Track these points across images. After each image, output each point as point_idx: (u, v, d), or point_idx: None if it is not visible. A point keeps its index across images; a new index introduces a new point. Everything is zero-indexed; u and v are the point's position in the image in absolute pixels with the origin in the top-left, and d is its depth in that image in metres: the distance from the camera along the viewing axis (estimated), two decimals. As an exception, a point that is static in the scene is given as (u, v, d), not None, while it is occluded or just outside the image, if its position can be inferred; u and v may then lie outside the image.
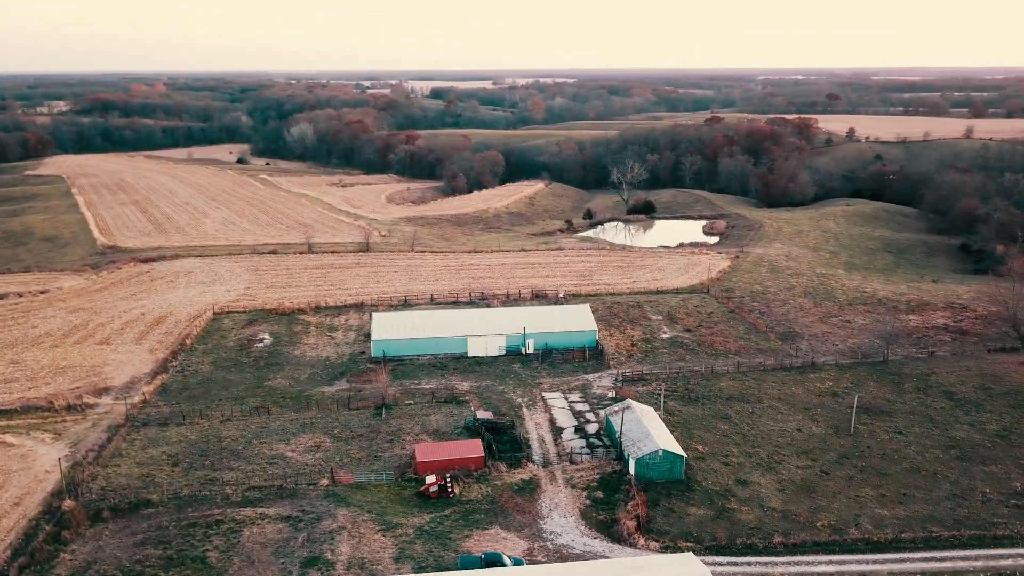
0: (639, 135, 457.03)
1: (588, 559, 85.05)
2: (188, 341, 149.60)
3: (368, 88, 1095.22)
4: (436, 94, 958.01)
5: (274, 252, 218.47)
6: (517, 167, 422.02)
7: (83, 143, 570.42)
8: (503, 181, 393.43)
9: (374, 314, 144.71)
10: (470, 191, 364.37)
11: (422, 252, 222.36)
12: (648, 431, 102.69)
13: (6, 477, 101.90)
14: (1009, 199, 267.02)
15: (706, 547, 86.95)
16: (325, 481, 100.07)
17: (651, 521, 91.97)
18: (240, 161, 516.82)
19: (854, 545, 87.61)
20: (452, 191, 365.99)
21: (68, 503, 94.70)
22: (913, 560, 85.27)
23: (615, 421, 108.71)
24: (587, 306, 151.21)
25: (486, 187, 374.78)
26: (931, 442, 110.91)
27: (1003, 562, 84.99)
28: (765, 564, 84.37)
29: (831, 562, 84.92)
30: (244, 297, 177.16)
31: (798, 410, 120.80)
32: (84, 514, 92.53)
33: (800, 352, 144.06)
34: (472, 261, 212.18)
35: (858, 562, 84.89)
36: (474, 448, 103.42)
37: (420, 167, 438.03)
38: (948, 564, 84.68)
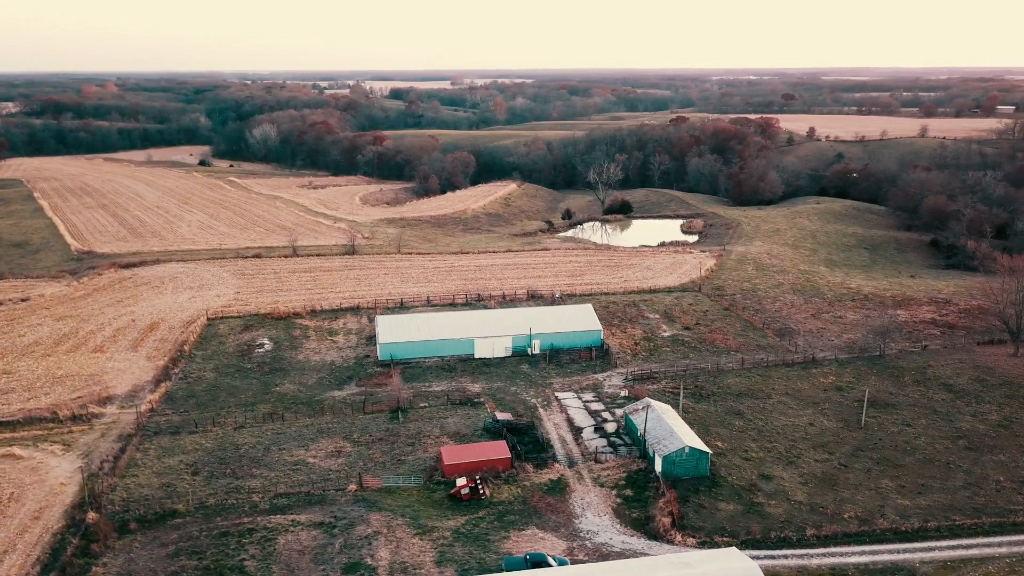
0: (606, 135, 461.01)
1: (628, 557, 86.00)
2: (186, 348, 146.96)
3: (326, 89, 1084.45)
4: (396, 94, 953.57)
5: (258, 256, 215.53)
6: (486, 167, 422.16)
7: (36, 145, 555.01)
8: (473, 182, 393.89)
9: (379, 317, 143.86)
10: (443, 192, 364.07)
11: (409, 254, 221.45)
12: (672, 429, 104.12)
13: (20, 490, 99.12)
14: (973, 196, 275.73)
15: (742, 541, 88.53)
16: (353, 486, 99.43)
17: (683, 518, 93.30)
18: (202, 163, 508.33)
19: (883, 535, 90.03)
20: (425, 192, 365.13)
21: (91, 515, 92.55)
22: (941, 548, 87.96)
23: (636, 420, 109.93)
24: (590, 306, 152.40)
25: (458, 188, 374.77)
26: (939, 433, 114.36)
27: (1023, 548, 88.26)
28: (801, 556, 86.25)
29: (863, 552, 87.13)
30: (236, 302, 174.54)
31: (806, 405, 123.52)
32: (111, 526, 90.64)
33: (799, 348, 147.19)
34: (461, 263, 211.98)
35: (889, 552, 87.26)
36: (500, 449, 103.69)
37: (388, 168, 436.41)
38: (974, 551, 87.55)
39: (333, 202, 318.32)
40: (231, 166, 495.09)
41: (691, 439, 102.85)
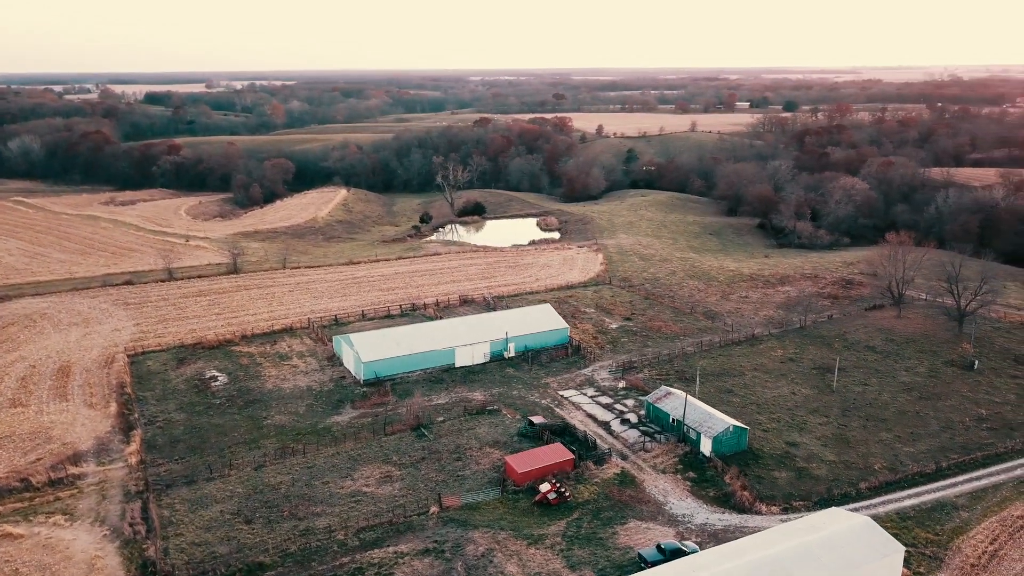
0: (416, 137, 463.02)
1: (732, 531, 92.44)
2: (128, 389, 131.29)
3: (63, 94, 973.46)
4: (153, 99, 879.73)
5: (129, 283, 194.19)
6: (299, 173, 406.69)
7: None
8: (291, 188, 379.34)
9: (353, 336, 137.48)
10: (270, 201, 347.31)
11: (296, 268, 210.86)
12: (708, 411, 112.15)
13: (51, 572, 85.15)
14: (773, 181, 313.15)
15: (815, 503, 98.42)
16: (435, 508, 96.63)
17: (753, 490, 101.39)
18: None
19: (915, 479, 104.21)
20: (249, 202, 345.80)
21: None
22: (960, 483, 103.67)
23: (664, 407, 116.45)
24: (548, 305, 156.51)
25: (280, 196, 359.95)
26: (892, 388, 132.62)
27: (1015, 472, 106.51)
28: (867, 508, 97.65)
29: (909, 496, 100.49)
30: (146, 334, 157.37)
31: (776, 377, 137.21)
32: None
33: (734, 327, 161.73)
34: (360, 273, 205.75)
35: (928, 492, 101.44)
36: (561, 452, 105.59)
37: (188, 178, 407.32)
38: (984, 481, 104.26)
39: (160, 219, 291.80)
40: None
41: (728, 418, 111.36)
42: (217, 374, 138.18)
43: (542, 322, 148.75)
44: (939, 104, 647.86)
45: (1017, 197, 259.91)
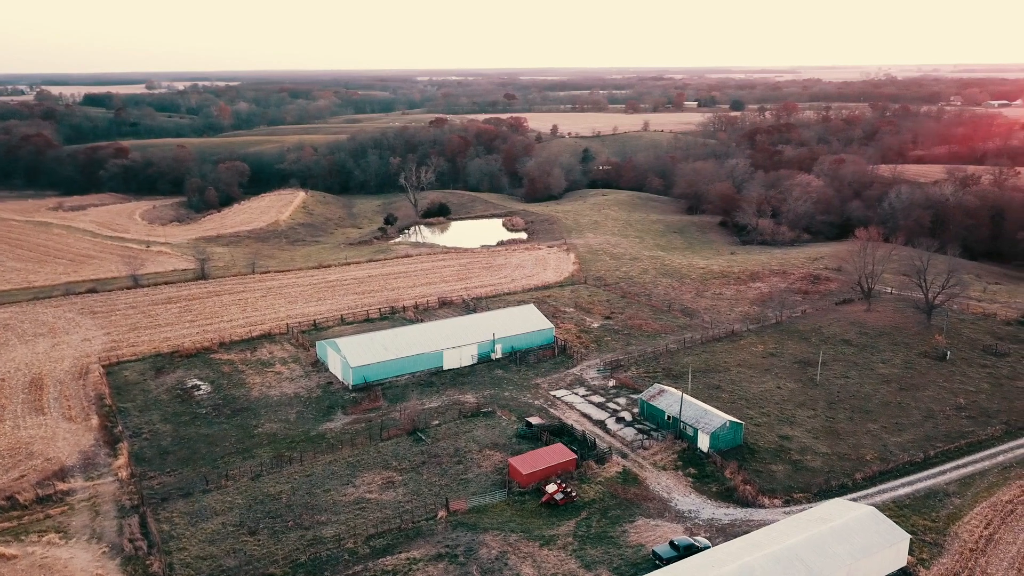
0: (371, 138, 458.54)
1: (738, 525, 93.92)
2: (107, 401, 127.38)
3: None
4: (93, 100, 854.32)
5: (93, 290, 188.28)
6: (254, 176, 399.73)
7: None
8: (246, 192, 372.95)
9: (339, 340, 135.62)
10: (226, 204, 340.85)
11: (266, 273, 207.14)
12: (704, 408, 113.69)
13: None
14: (732, 180, 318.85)
15: (814, 494, 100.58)
16: (443, 512, 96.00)
17: (753, 483, 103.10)
18: None
19: (905, 468, 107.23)
20: (205, 206, 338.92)
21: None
22: (948, 471, 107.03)
23: (658, 404, 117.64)
24: (532, 306, 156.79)
25: (236, 200, 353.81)
26: (871, 380, 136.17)
27: (998, 458, 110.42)
28: (865, 497, 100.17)
29: (902, 484, 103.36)
30: (119, 343, 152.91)
31: (761, 372, 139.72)
32: (216, 607, 79.49)
33: (712, 324, 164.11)
34: (333, 277, 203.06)
35: (919, 480, 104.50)
36: (563, 452, 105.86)
37: (138, 182, 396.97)
38: (970, 468, 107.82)
39: (115, 224, 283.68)
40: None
41: (724, 414, 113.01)
42: (199, 383, 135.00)
43: (527, 323, 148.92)
44: (880, 103, 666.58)
45: (965, 193, 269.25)
